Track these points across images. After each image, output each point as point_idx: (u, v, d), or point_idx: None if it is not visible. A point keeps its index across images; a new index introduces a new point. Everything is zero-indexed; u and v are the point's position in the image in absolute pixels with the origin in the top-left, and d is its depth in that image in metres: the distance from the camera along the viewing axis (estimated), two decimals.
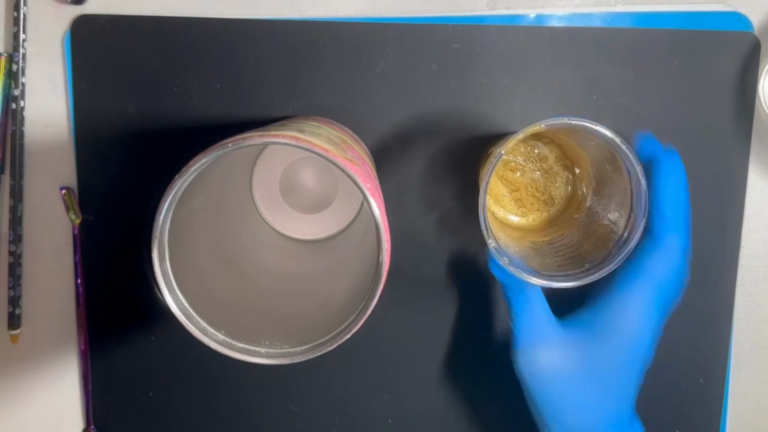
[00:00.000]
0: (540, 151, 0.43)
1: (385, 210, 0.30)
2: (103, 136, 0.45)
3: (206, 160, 0.28)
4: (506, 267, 0.36)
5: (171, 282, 0.30)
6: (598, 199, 0.40)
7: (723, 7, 0.44)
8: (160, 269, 0.29)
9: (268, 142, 0.28)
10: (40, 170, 0.46)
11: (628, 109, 0.44)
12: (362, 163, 0.33)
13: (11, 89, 0.44)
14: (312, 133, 0.31)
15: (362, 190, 0.28)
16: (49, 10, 0.44)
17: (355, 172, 0.28)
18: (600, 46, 0.44)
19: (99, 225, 0.46)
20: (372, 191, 0.29)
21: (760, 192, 0.45)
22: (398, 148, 0.45)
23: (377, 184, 0.31)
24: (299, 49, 0.44)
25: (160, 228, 0.29)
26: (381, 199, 0.31)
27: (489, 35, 0.44)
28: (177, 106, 0.44)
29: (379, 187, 0.32)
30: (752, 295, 0.46)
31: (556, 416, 0.37)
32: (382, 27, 0.44)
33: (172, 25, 0.44)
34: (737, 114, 0.44)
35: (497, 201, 0.44)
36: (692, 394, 0.46)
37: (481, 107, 0.44)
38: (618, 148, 0.34)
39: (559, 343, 0.37)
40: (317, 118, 0.43)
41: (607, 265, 0.36)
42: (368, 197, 0.28)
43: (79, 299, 0.46)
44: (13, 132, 0.45)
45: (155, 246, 0.29)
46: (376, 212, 0.28)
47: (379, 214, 0.28)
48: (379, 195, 0.31)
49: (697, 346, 0.45)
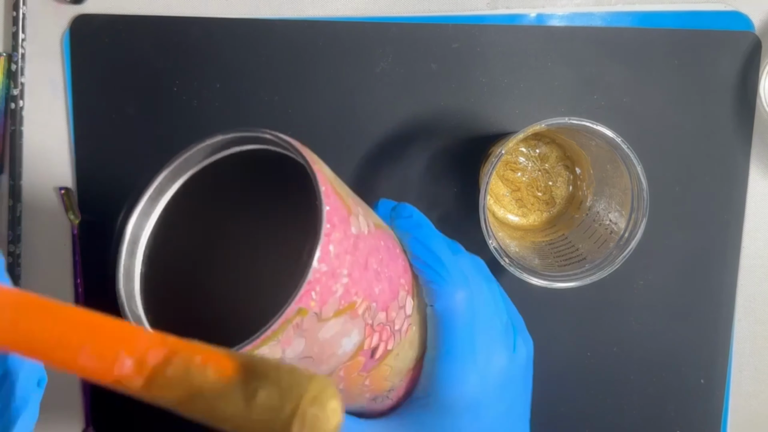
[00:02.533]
0: (541, 150, 0.43)
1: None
2: (103, 135, 0.45)
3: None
4: (507, 267, 0.36)
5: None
6: (599, 199, 0.40)
7: (724, 7, 0.44)
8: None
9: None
10: (39, 170, 0.45)
11: (629, 109, 0.44)
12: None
13: (10, 89, 0.44)
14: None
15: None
16: (49, 10, 0.44)
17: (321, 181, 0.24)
18: (600, 46, 0.44)
19: (98, 225, 0.45)
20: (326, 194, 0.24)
21: (761, 192, 0.45)
22: (398, 148, 0.45)
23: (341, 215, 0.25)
24: (299, 49, 0.44)
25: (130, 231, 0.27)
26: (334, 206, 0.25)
27: (489, 35, 0.44)
28: (177, 106, 0.44)
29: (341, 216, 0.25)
30: (753, 296, 0.46)
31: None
32: (382, 27, 0.44)
33: (172, 24, 0.44)
34: (738, 114, 0.44)
35: (498, 201, 0.44)
36: (693, 395, 0.46)
37: (481, 107, 0.44)
38: (618, 147, 0.34)
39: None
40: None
41: (606, 266, 0.36)
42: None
43: (79, 299, 0.46)
44: (12, 132, 0.44)
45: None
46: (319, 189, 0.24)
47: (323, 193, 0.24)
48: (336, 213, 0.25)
49: (697, 346, 0.45)
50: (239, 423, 0.18)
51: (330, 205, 0.24)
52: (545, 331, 0.45)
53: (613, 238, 0.37)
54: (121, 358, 0.19)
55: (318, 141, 0.45)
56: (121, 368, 0.19)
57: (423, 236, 0.31)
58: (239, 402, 0.18)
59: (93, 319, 0.21)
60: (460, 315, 0.30)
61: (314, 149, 0.47)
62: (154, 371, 0.19)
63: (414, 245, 0.31)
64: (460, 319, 0.30)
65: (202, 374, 0.18)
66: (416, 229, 0.31)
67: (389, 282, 0.27)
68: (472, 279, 0.31)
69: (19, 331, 0.21)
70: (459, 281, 0.30)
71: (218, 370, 0.18)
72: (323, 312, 0.23)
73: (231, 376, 0.18)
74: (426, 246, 0.31)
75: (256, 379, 0.18)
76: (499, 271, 0.45)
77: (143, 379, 0.19)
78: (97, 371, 0.20)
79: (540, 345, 0.43)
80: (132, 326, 0.20)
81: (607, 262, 0.36)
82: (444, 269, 0.30)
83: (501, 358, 0.31)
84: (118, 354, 0.19)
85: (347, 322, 0.25)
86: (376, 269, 0.26)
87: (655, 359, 0.45)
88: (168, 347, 0.19)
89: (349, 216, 0.25)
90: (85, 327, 0.20)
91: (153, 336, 0.20)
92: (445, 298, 0.30)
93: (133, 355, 0.19)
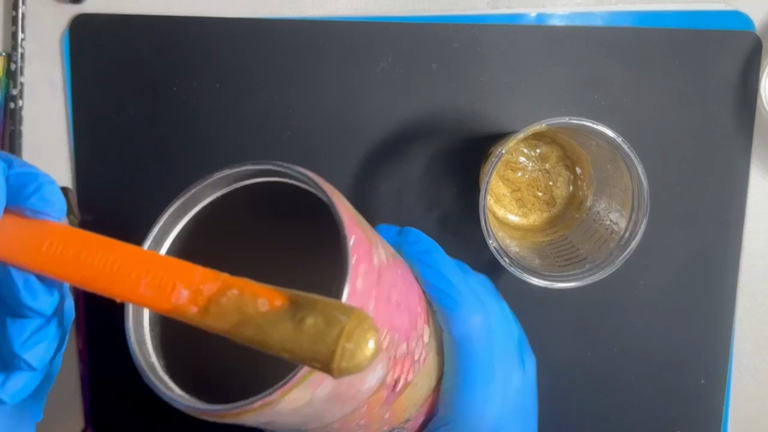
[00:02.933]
0: (541, 150, 0.43)
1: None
2: (102, 135, 0.45)
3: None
4: (507, 267, 0.36)
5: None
6: (599, 199, 0.40)
7: (724, 6, 0.44)
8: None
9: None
10: None
11: (629, 108, 0.44)
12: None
13: (10, 89, 0.44)
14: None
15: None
16: (48, 10, 0.44)
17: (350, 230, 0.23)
18: (601, 46, 0.44)
19: (98, 225, 0.45)
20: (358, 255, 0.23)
21: (762, 192, 0.45)
22: (398, 148, 0.45)
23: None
24: (299, 49, 0.44)
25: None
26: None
27: (489, 34, 0.44)
28: (176, 106, 0.44)
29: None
30: (754, 296, 0.46)
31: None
32: (382, 26, 0.44)
33: (172, 24, 0.44)
34: (738, 114, 0.44)
35: (498, 201, 0.44)
36: (693, 395, 0.46)
37: (481, 107, 0.44)
38: (619, 147, 0.34)
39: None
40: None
41: (607, 266, 0.36)
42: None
43: (79, 299, 0.46)
44: (11, 132, 0.44)
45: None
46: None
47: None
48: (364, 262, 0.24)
49: (698, 346, 0.45)
50: (289, 346, 0.19)
51: (355, 235, 0.23)
52: (545, 331, 0.45)
53: (614, 238, 0.37)
54: (177, 288, 0.21)
55: (318, 141, 0.45)
56: (178, 298, 0.21)
57: (434, 262, 0.31)
58: (288, 327, 0.19)
59: (150, 255, 0.23)
60: (478, 339, 0.30)
61: (314, 149, 0.48)
62: (209, 301, 0.21)
63: (426, 272, 0.31)
64: (479, 344, 0.30)
65: (254, 304, 0.20)
66: (426, 255, 0.31)
67: (409, 312, 0.27)
68: (486, 301, 0.31)
69: (82, 265, 0.22)
70: (474, 305, 0.30)
71: (268, 301, 0.20)
72: None
73: (280, 305, 0.20)
74: (438, 272, 0.31)
75: (303, 308, 0.19)
76: (499, 271, 0.45)
77: (198, 308, 0.21)
78: (155, 300, 0.21)
79: (540, 345, 0.43)
80: (187, 263, 0.22)
81: (607, 262, 0.36)
82: (458, 294, 0.30)
83: (517, 379, 0.32)
84: (175, 285, 0.21)
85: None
86: (397, 300, 0.26)
87: (655, 359, 0.45)
88: (221, 281, 0.21)
89: (372, 247, 0.25)
90: (144, 261, 0.22)
91: (207, 271, 0.21)
92: (461, 323, 0.30)
93: (189, 286, 0.21)
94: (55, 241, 0.23)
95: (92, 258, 0.22)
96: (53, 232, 0.23)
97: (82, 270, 0.23)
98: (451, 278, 0.31)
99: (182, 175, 0.44)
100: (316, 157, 0.44)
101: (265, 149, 0.44)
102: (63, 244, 0.23)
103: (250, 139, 0.44)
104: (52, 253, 0.23)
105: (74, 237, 0.23)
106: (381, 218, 0.45)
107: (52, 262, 0.23)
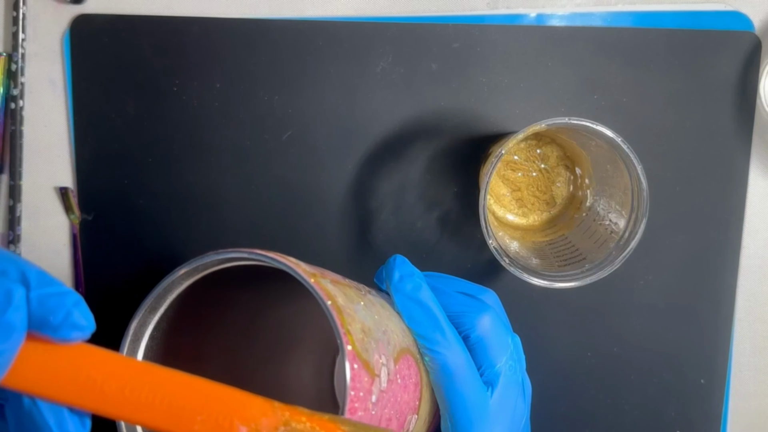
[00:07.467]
0: (541, 150, 0.43)
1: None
2: (103, 135, 0.45)
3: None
4: (507, 267, 0.36)
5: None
6: (599, 199, 0.40)
7: (724, 7, 0.44)
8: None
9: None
10: (39, 170, 0.45)
11: (629, 109, 0.44)
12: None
13: (10, 89, 0.44)
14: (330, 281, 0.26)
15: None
16: (49, 10, 0.44)
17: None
18: (600, 46, 0.44)
19: (99, 225, 0.45)
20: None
21: (761, 192, 0.45)
22: (398, 148, 0.45)
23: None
24: (299, 49, 0.44)
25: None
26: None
27: (489, 35, 0.44)
28: (176, 106, 0.44)
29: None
30: (753, 295, 0.46)
31: None
32: (382, 27, 0.44)
33: (172, 24, 0.44)
34: (738, 114, 0.44)
35: (498, 201, 0.44)
36: (693, 395, 0.46)
37: (481, 107, 0.44)
38: (618, 147, 0.34)
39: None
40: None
41: (606, 266, 0.36)
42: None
43: None
44: (12, 132, 0.44)
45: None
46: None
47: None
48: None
49: (697, 346, 0.45)
50: None
51: (353, 378, 0.23)
52: (545, 331, 0.45)
53: (613, 238, 0.37)
54: (235, 426, 0.20)
55: (318, 141, 0.45)
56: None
57: (422, 310, 0.31)
58: None
59: (201, 384, 0.21)
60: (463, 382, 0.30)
61: (314, 149, 0.48)
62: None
63: (411, 322, 0.30)
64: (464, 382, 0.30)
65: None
66: (416, 306, 0.31)
67: (398, 416, 0.27)
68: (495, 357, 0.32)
69: (128, 401, 0.21)
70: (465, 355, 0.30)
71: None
72: None
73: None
74: (427, 317, 0.30)
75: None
76: (499, 270, 0.45)
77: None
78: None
79: (540, 345, 0.43)
80: (242, 393, 0.21)
81: (607, 262, 0.36)
82: (446, 341, 0.30)
83: (522, 413, 0.33)
84: (232, 423, 0.20)
85: None
86: (389, 415, 0.26)
87: (655, 359, 0.45)
88: (278, 415, 0.20)
89: (372, 382, 0.24)
90: (196, 394, 0.21)
91: (263, 403, 0.21)
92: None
93: (247, 422, 0.20)
94: (93, 374, 0.21)
95: (138, 393, 0.21)
96: (90, 362, 0.21)
97: (128, 406, 0.21)
98: (439, 325, 0.30)
99: (182, 175, 0.44)
100: (316, 157, 0.45)
101: (265, 149, 0.45)
102: (102, 377, 0.21)
103: (250, 139, 0.44)
104: (90, 387, 0.21)
105: (114, 366, 0.21)
106: (381, 218, 0.45)
107: (92, 398, 0.21)
